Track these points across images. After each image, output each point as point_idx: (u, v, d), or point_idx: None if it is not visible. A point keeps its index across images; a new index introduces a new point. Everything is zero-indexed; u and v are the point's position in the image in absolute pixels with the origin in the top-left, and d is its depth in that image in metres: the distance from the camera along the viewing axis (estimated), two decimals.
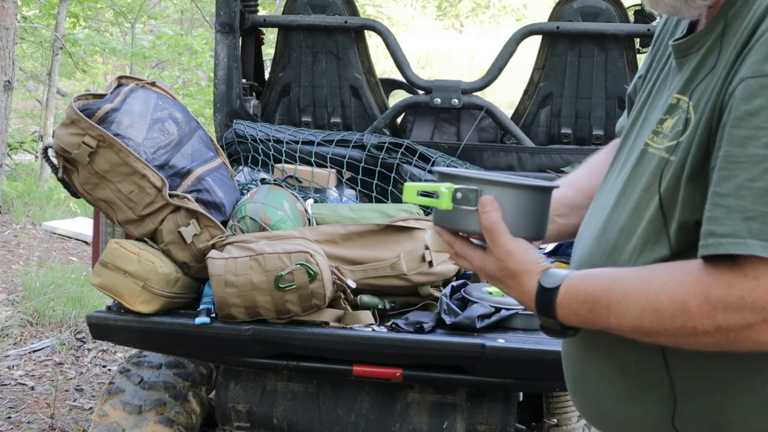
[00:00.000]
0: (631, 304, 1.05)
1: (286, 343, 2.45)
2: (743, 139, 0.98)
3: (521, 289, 1.17)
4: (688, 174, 1.06)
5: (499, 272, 1.19)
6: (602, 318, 1.08)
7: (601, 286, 1.09)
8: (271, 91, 3.65)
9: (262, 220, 2.61)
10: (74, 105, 2.47)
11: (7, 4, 5.11)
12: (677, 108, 1.12)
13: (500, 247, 1.17)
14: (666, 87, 1.20)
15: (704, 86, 1.08)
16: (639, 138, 1.22)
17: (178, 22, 16.06)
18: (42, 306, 4.74)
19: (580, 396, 1.27)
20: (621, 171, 1.24)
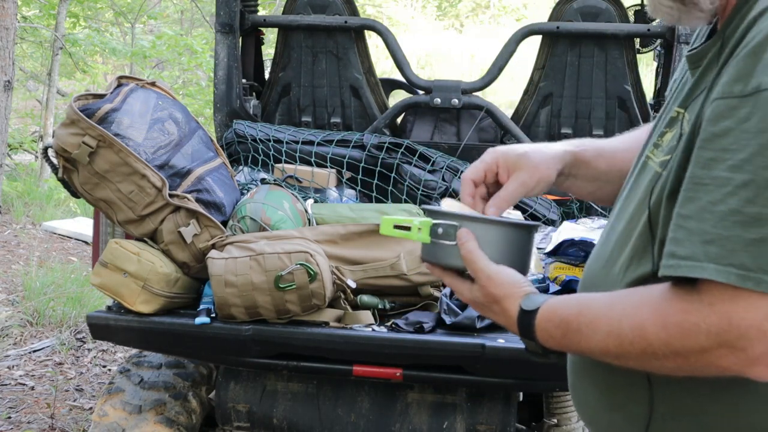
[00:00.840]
0: (597, 329, 1.06)
1: (286, 343, 2.45)
2: (708, 161, 0.97)
3: (505, 313, 1.19)
4: (669, 191, 1.05)
5: (484, 299, 1.20)
6: (575, 342, 1.10)
7: (573, 310, 1.11)
8: (271, 91, 3.65)
9: (262, 220, 2.60)
10: (74, 105, 2.47)
11: (7, 4, 5.11)
12: (676, 121, 1.10)
13: (480, 272, 1.19)
14: (676, 98, 1.17)
15: (697, 102, 1.05)
16: (648, 146, 1.21)
17: (178, 22, 16.06)
18: (42, 306, 4.74)
19: (576, 401, 1.30)
20: (629, 181, 1.23)
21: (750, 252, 0.93)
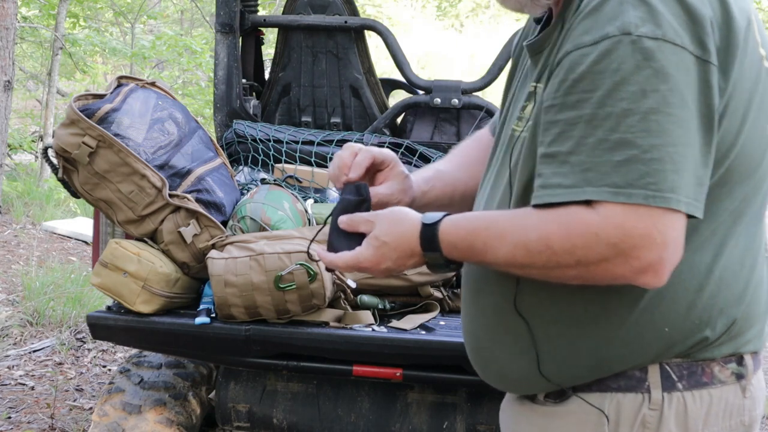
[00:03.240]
0: (505, 241, 1.18)
1: (286, 343, 2.45)
2: (575, 103, 1.13)
3: (404, 235, 1.27)
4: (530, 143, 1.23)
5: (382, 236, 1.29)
6: (479, 252, 1.21)
7: (480, 224, 1.23)
8: (271, 91, 3.65)
9: (262, 220, 2.60)
10: (74, 105, 2.47)
11: (7, 4, 5.10)
12: (533, 95, 1.27)
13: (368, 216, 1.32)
14: (527, 83, 1.34)
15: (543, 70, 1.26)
16: (507, 130, 1.37)
17: (178, 22, 16.06)
18: (42, 306, 4.74)
19: (482, 365, 1.39)
20: (496, 161, 1.40)
21: (619, 172, 1.09)
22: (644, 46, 1.10)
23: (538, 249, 1.15)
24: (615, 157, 1.09)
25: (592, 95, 1.12)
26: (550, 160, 1.15)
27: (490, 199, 1.36)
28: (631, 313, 1.22)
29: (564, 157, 1.13)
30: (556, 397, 1.30)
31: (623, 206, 1.09)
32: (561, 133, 1.14)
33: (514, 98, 1.40)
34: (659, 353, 1.24)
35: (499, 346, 1.33)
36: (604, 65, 1.11)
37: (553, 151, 1.15)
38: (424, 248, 1.26)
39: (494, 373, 1.37)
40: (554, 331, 1.26)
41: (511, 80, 1.49)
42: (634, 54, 1.10)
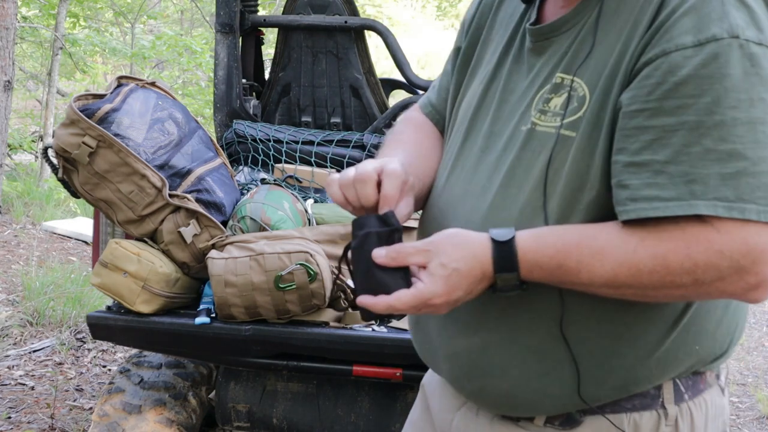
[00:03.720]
0: (606, 259, 1.07)
1: (286, 343, 2.45)
2: (674, 109, 1.05)
3: (477, 259, 1.11)
4: (605, 146, 1.12)
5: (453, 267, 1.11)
6: (572, 273, 1.09)
7: (572, 240, 1.10)
8: (271, 91, 3.65)
9: (262, 220, 2.60)
10: (74, 105, 2.47)
11: (7, 4, 5.11)
12: (562, 87, 1.17)
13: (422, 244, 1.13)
14: (523, 69, 1.25)
15: (594, 64, 1.14)
16: (506, 119, 1.24)
17: (178, 22, 16.07)
18: (42, 306, 4.74)
19: (482, 382, 1.25)
20: (490, 152, 1.25)
21: (729, 185, 1.03)
22: (751, 51, 1.05)
23: (651, 268, 1.06)
24: (724, 169, 1.03)
25: (697, 101, 1.04)
26: (639, 169, 1.07)
27: (500, 205, 1.21)
28: (671, 331, 1.18)
29: (660, 166, 1.05)
30: (563, 423, 1.23)
31: (738, 222, 1.03)
32: (655, 140, 1.06)
33: (502, 82, 1.29)
34: (683, 371, 1.22)
35: (523, 365, 1.20)
36: (712, 69, 1.04)
37: (644, 159, 1.06)
38: (497, 269, 1.11)
39: (496, 390, 1.24)
40: (591, 350, 1.18)
41: (469, 57, 1.38)
42: (742, 60, 1.04)
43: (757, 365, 5.07)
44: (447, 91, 1.44)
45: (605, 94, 1.12)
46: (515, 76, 1.27)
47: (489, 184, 1.23)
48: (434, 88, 1.49)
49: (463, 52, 1.40)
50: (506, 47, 1.30)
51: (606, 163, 1.11)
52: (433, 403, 1.43)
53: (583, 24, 1.19)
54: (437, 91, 1.48)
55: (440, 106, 1.46)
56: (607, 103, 1.12)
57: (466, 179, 1.28)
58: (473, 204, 1.24)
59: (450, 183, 1.31)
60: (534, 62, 1.24)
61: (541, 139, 1.17)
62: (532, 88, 1.22)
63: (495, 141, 1.25)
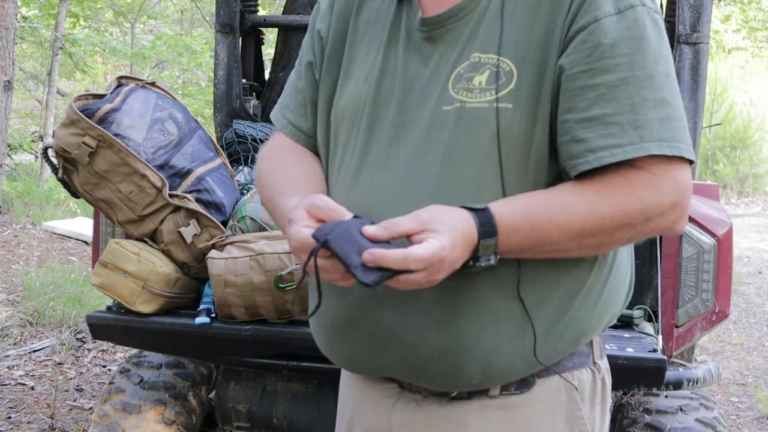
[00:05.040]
0: (572, 214, 1.17)
1: (286, 343, 2.45)
2: (613, 66, 1.18)
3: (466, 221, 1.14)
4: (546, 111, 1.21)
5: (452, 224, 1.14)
6: (544, 232, 1.18)
7: (540, 202, 1.19)
8: (271, 91, 3.65)
9: (262, 220, 2.61)
10: (74, 105, 2.47)
11: (7, 4, 5.11)
12: (482, 65, 1.24)
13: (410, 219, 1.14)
14: (418, 58, 1.30)
15: (512, 41, 1.23)
16: (417, 106, 1.28)
17: (178, 22, 16.06)
18: (42, 306, 4.74)
19: (455, 358, 1.25)
20: (405, 140, 1.28)
21: (664, 128, 1.17)
22: (654, 17, 1.22)
23: (612, 215, 1.17)
24: (660, 114, 1.17)
25: (630, 59, 1.18)
26: (591, 123, 1.18)
27: (448, 183, 1.23)
28: (607, 280, 1.30)
29: (610, 118, 1.17)
30: (518, 387, 1.29)
31: (670, 160, 1.17)
32: (600, 96, 1.18)
33: (394, 73, 1.32)
34: (608, 321, 1.34)
35: (492, 335, 1.24)
36: (636, 31, 1.19)
37: (594, 114, 1.18)
38: (481, 235, 1.16)
39: (471, 362, 1.25)
40: (548, 308, 1.25)
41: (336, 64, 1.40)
42: (652, 23, 1.21)
43: (757, 365, 5.07)
44: (305, 107, 1.45)
45: (540, 65, 1.22)
46: (412, 66, 1.31)
47: (423, 167, 1.25)
48: (288, 108, 1.48)
49: (326, 59, 1.42)
50: (389, 43, 1.35)
51: (549, 126, 1.21)
52: (359, 414, 1.41)
53: (484, 8, 1.27)
54: (293, 111, 1.46)
55: (302, 124, 1.45)
56: (545, 73, 1.21)
57: (384, 172, 1.28)
58: (412, 190, 1.25)
59: (363, 181, 1.30)
60: (432, 50, 1.30)
61: (475, 114, 1.23)
62: (440, 72, 1.28)
63: (410, 128, 1.28)
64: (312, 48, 1.46)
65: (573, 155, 1.19)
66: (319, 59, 1.44)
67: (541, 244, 1.19)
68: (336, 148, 1.38)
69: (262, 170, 1.45)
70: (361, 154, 1.32)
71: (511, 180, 1.22)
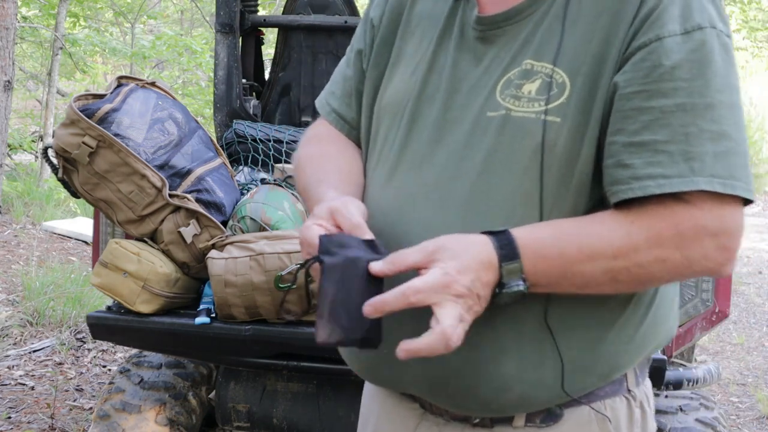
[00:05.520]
0: (605, 242, 1.09)
1: (286, 343, 2.45)
2: (672, 90, 1.09)
3: (477, 244, 1.08)
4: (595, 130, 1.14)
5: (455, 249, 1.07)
6: (573, 260, 1.09)
7: (569, 228, 1.12)
8: (271, 91, 3.65)
9: (262, 220, 2.61)
10: (74, 105, 2.47)
11: (7, 4, 5.11)
12: (534, 73, 1.17)
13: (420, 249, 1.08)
14: (470, 58, 1.24)
15: (569, 51, 1.16)
16: (462, 107, 1.22)
17: (178, 22, 16.07)
18: (42, 306, 4.74)
19: (471, 380, 1.20)
20: (446, 141, 1.22)
21: (720, 163, 1.08)
22: (724, 42, 1.13)
23: (647, 247, 1.08)
24: (717, 148, 1.08)
25: (690, 84, 1.09)
26: (639, 149, 1.10)
27: (483, 192, 1.17)
28: (647, 314, 1.22)
29: (660, 146, 1.09)
30: (544, 419, 1.22)
31: (722, 197, 1.08)
32: (654, 121, 1.10)
33: (445, 71, 1.26)
34: (649, 353, 1.26)
35: (514, 360, 1.18)
36: (701, 55, 1.10)
37: (644, 139, 1.10)
38: (502, 258, 1.08)
39: (488, 386, 1.19)
40: (577, 339, 1.18)
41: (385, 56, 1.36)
42: (721, 48, 1.12)
43: (757, 365, 5.08)
44: (351, 96, 1.41)
45: (594, 80, 1.14)
46: (462, 65, 1.25)
47: (459, 172, 1.19)
48: (333, 95, 1.44)
49: (375, 48, 1.37)
50: (441, 38, 1.29)
51: (596, 146, 1.14)
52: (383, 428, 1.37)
53: (544, 13, 1.20)
54: (339, 99, 1.42)
55: (346, 113, 1.42)
56: (597, 89, 1.14)
57: (419, 172, 1.23)
58: (444, 194, 1.20)
59: (396, 180, 1.26)
60: (484, 51, 1.23)
61: (520, 124, 1.16)
62: (490, 75, 1.21)
63: (452, 129, 1.22)
64: (363, 36, 1.41)
65: (616, 180, 1.11)
66: (369, 48, 1.39)
67: (572, 275, 1.10)
68: (375, 142, 1.34)
69: (302, 156, 1.41)
70: (399, 152, 1.27)
71: (549, 197, 1.14)
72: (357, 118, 1.40)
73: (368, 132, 1.37)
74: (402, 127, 1.28)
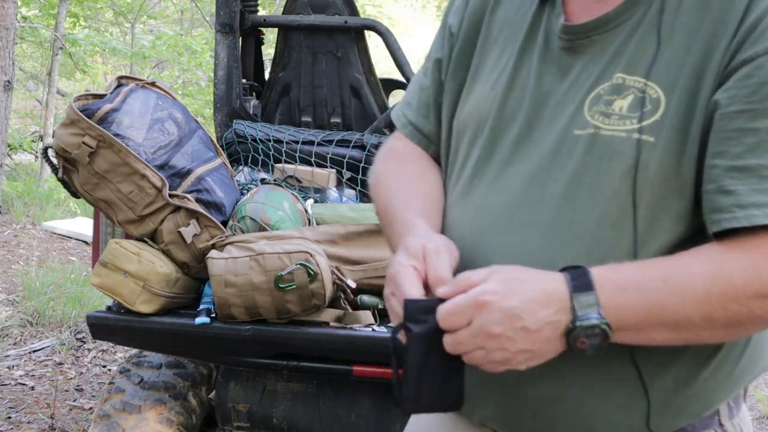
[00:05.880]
0: (695, 275, 0.99)
1: (286, 343, 2.45)
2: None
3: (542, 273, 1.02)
4: (695, 151, 1.04)
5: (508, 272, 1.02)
6: (659, 293, 0.99)
7: (652, 261, 1.02)
8: (271, 91, 3.65)
9: (262, 220, 2.60)
10: (74, 105, 2.47)
11: (7, 4, 5.11)
12: (626, 88, 1.08)
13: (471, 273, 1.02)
14: (554, 70, 1.16)
15: (665, 65, 1.07)
16: (547, 125, 1.14)
17: (178, 22, 16.07)
18: (42, 306, 4.74)
19: (550, 420, 1.14)
20: (526, 161, 1.14)
21: None
22: None
23: (744, 282, 0.98)
24: None
25: None
26: (743, 174, 1.00)
27: (569, 216, 1.09)
28: (744, 350, 1.13)
29: (767, 171, 0.99)
30: None
31: None
32: (760, 144, 1.00)
33: (538, 88, 1.17)
34: (746, 385, 1.18)
35: (599, 400, 1.10)
36: None
37: (749, 164, 1.00)
38: (573, 288, 0.99)
39: (568, 426, 1.13)
40: (667, 378, 1.09)
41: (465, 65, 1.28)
42: None
43: None
44: (429, 107, 1.33)
45: (691, 96, 1.05)
46: (547, 78, 1.16)
47: (542, 195, 1.11)
48: (410, 107, 1.36)
49: (454, 58, 1.29)
50: (523, 49, 1.20)
51: (695, 169, 1.04)
52: None
53: (637, 22, 1.10)
54: (416, 110, 1.35)
55: (423, 125, 1.34)
56: (695, 106, 1.04)
57: (499, 194, 1.15)
58: (525, 219, 1.12)
59: (475, 201, 1.18)
60: (571, 62, 1.14)
61: (609, 144, 1.07)
62: (577, 89, 1.12)
63: (534, 148, 1.14)
64: (442, 45, 1.32)
65: (717, 208, 1.02)
66: (447, 58, 1.30)
67: (660, 311, 0.99)
68: (455, 160, 1.25)
69: (382, 173, 1.33)
70: (479, 170, 1.19)
71: (642, 224, 1.05)
72: (435, 131, 1.33)
73: (447, 148, 1.29)
74: (482, 145, 1.20)
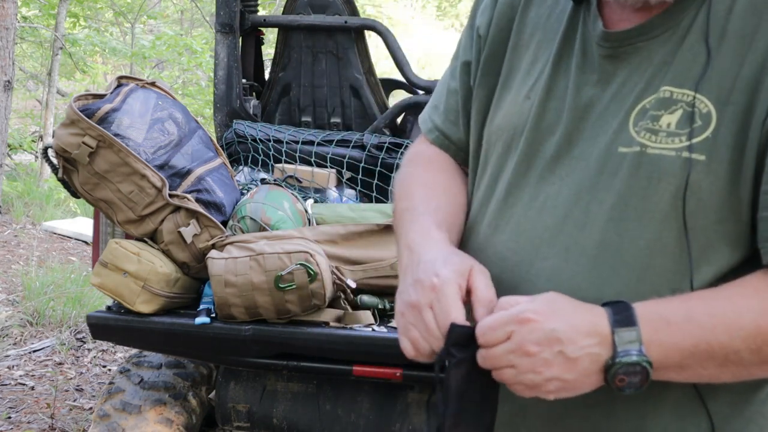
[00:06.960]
0: (741, 308, 0.95)
1: (286, 343, 2.45)
2: None
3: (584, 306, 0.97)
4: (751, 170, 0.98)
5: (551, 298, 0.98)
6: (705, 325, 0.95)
7: (696, 293, 0.97)
8: (271, 91, 3.65)
9: (262, 220, 2.60)
10: (74, 105, 2.47)
11: (7, 4, 5.11)
12: (674, 102, 1.01)
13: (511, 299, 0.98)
14: (594, 79, 1.07)
15: (716, 77, 0.99)
16: (588, 140, 1.06)
17: (178, 22, 16.07)
18: (42, 306, 4.74)
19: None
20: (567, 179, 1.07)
21: None
22: None
23: None
24: None
25: None
26: None
27: (615, 242, 1.02)
28: None
29: None
30: None
31: None
32: None
33: (576, 99, 1.08)
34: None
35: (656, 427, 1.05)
36: None
37: None
38: (614, 322, 0.94)
39: None
40: (724, 401, 1.05)
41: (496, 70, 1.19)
42: None
43: None
44: (457, 113, 1.25)
45: (746, 112, 0.97)
46: (586, 89, 1.07)
47: (586, 217, 1.04)
48: (437, 110, 1.29)
49: (482, 63, 1.20)
50: (559, 55, 1.11)
51: (753, 191, 0.98)
52: None
53: (684, 29, 1.02)
54: (443, 115, 1.27)
55: (451, 132, 1.26)
56: (750, 123, 0.97)
57: (539, 215, 1.08)
58: (569, 243, 1.05)
59: (512, 222, 1.11)
60: (612, 71, 1.06)
61: (657, 163, 1.00)
62: (621, 101, 1.04)
63: (576, 164, 1.06)
64: (470, 47, 1.23)
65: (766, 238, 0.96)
66: (476, 61, 1.21)
67: (706, 346, 0.94)
68: (484, 173, 1.18)
69: (407, 176, 1.27)
70: (513, 188, 1.11)
71: (697, 250, 0.98)
72: (464, 139, 1.25)
73: (476, 157, 1.22)
74: (517, 159, 1.12)
